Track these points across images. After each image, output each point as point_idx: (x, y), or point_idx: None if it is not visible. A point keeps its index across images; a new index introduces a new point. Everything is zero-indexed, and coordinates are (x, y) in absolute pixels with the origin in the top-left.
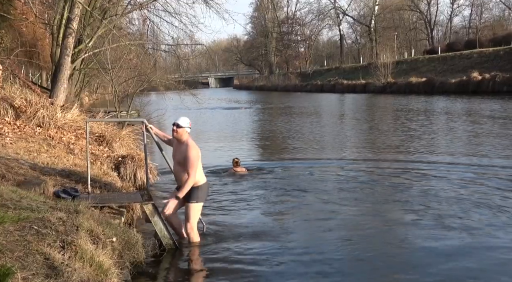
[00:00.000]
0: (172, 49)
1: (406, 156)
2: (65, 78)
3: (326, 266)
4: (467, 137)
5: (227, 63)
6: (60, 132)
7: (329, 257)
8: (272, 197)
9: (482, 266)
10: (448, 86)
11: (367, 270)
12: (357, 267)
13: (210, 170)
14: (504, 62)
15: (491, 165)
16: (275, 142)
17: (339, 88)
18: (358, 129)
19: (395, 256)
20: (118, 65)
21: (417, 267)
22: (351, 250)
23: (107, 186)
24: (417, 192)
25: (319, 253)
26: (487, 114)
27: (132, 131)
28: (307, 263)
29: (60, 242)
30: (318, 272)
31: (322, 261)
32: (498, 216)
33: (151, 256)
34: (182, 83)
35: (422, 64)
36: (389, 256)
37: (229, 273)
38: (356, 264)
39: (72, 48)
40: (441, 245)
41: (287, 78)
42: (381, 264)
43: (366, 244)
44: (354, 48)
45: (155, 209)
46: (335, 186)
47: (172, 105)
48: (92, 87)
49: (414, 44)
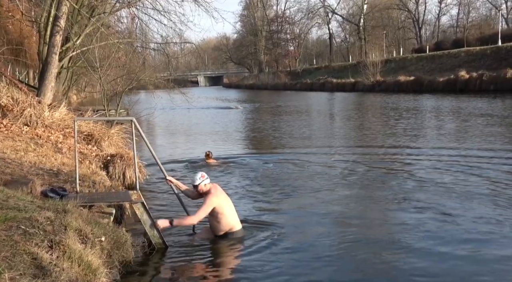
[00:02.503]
0: (161, 47)
1: (393, 149)
2: (52, 77)
3: (312, 255)
4: (453, 134)
5: (216, 61)
6: (48, 131)
7: (314, 245)
8: (248, 188)
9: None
10: (436, 85)
11: (351, 260)
12: (343, 258)
13: (183, 163)
14: (491, 61)
15: (475, 156)
16: (258, 138)
17: (329, 87)
18: (345, 126)
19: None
20: (107, 64)
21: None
22: (332, 237)
23: (96, 185)
24: (401, 180)
25: (304, 242)
26: (473, 113)
27: (121, 130)
28: (292, 252)
29: (48, 242)
30: (306, 262)
31: (308, 250)
32: (485, 203)
33: (141, 255)
34: (172, 81)
35: (411, 63)
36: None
37: (219, 270)
38: (341, 254)
39: (59, 46)
40: (419, 224)
41: (277, 77)
42: (367, 247)
43: (346, 228)
44: (343, 46)
45: (144, 208)
46: (310, 175)
47: (162, 104)
48: (80, 85)
49: (402, 43)
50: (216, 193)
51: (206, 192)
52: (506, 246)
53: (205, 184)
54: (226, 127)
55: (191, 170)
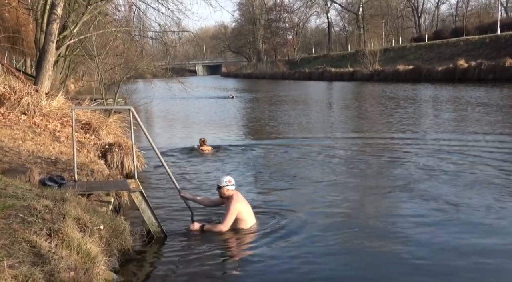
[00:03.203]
0: (159, 36)
1: (391, 137)
2: (50, 65)
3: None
4: (449, 122)
5: (214, 50)
6: (46, 120)
7: (315, 235)
8: (243, 175)
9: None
10: (435, 74)
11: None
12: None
13: (178, 150)
14: (490, 50)
15: (472, 144)
16: (255, 127)
17: (327, 76)
18: (343, 115)
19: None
20: (104, 52)
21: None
22: (332, 226)
23: (94, 174)
24: (401, 169)
25: (304, 230)
26: (470, 102)
27: (119, 119)
28: (291, 241)
29: (47, 230)
30: (304, 251)
31: (308, 239)
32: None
33: (139, 243)
34: (169, 70)
35: (409, 52)
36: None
37: (217, 259)
38: (339, 242)
39: (56, 34)
40: (412, 211)
41: (275, 66)
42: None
43: (344, 217)
44: (342, 35)
45: (142, 197)
46: (308, 163)
47: (160, 93)
48: (77, 74)
49: (401, 32)
50: (239, 199)
51: (228, 196)
52: (506, 235)
53: (228, 188)
54: (223, 116)
55: (185, 156)
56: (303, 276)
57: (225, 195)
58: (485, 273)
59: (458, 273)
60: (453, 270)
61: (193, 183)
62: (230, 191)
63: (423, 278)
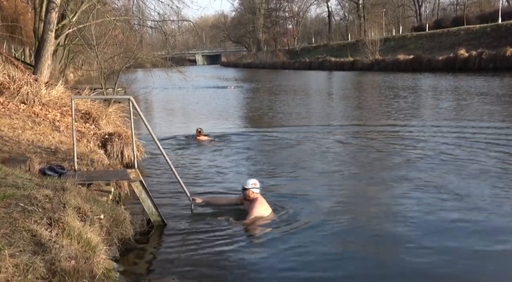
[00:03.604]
0: (158, 25)
1: (391, 126)
2: (49, 54)
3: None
4: (449, 112)
5: (214, 40)
6: (45, 109)
7: (314, 227)
8: (240, 165)
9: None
10: (435, 63)
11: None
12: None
13: (175, 140)
14: (491, 39)
15: (472, 132)
16: (253, 117)
17: (327, 66)
18: (343, 105)
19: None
20: (103, 41)
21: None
22: (330, 215)
23: (94, 164)
24: (400, 158)
25: (302, 220)
26: (469, 91)
27: (119, 108)
28: (289, 232)
29: (47, 219)
30: (303, 242)
31: (307, 230)
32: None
33: (140, 233)
34: (169, 60)
35: (410, 41)
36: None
37: (217, 247)
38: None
39: (55, 23)
40: (418, 202)
41: (275, 55)
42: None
43: (344, 206)
44: (342, 25)
45: (142, 186)
46: (307, 153)
47: (159, 83)
48: (77, 63)
49: (402, 21)
50: (263, 202)
51: (253, 199)
52: (506, 224)
53: (253, 191)
54: (222, 106)
55: (182, 146)
56: (302, 264)
57: (249, 197)
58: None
59: (460, 264)
60: (456, 262)
61: (191, 173)
62: (255, 194)
63: (429, 270)
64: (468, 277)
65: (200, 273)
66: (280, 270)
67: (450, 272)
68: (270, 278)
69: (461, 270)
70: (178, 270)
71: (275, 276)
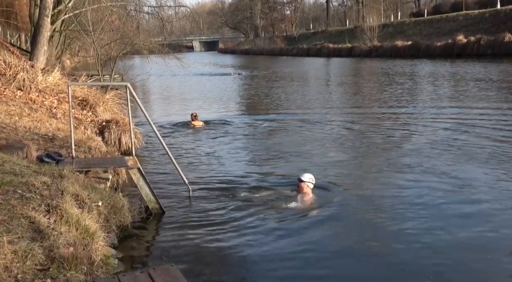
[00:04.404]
0: (155, 11)
1: (386, 111)
2: (45, 40)
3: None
4: (444, 98)
5: (211, 26)
6: (42, 96)
7: (310, 215)
8: (234, 150)
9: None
10: (434, 49)
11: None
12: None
13: (171, 125)
14: (489, 25)
15: (468, 118)
16: (250, 103)
17: (325, 52)
18: (340, 92)
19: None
20: (100, 27)
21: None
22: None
23: (92, 151)
24: (397, 144)
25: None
26: (465, 77)
27: (116, 95)
28: (284, 219)
29: (45, 206)
30: (299, 227)
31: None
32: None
33: (138, 220)
34: (166, 46)
35: (408, 27)
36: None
37: (215, 234)
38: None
39: (51, 8)
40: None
41: (273, 42)
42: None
43: (341, 193)
44: (340, 11)
45: (140, 174)
46: (303, 138)
47: (157, 70)
48: (73, 50)
49: (400, 6)
50: (314, 196)
51: (306, 192)
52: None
53: (308, 185)
54: (219, 93)
55: (178, 132)
56: (302, 253)
57: (303, 190)
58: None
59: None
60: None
61: (188, 159)
62: (309, 189)
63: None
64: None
65: (198, 260)
66: (278, 259)
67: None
68: (267, 265)
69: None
70: (177, 257)
71: (272, 263)
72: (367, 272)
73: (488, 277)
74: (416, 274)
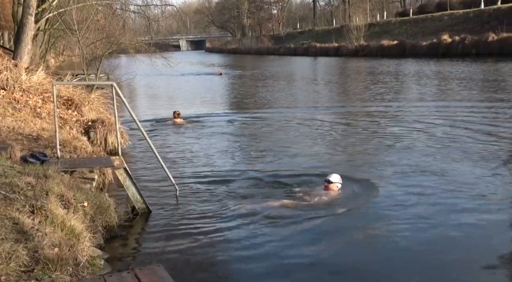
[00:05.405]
0: (141, 10)
1: (373, 110)
2: (28, 39)
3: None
4: (429, 96)
5: (198, 25)
6: (26, 96)
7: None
8: (216, 147)
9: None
10: (419, 49)
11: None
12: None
13: (155, 124)
14: (474, 25)
15: (450, 115)
16: (235, 101)
17: (312, 52)
18: (326, 90)
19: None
20: (85, 26)
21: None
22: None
23: (77, 151)
24: (381, 140)
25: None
26: (449, 77)
27: (102, 95)
28: (272, 213)
29: (30, 207)
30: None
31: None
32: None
33: (124, 220)
34: (153, 45)
35: (394, 27)
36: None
37: (202, 234)
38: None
39: (35, 7)
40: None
41: (260, 41)
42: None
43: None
44: (327, 10)
45: (127, 174)
46: (286, 135)
47: (143, 69)
48: (58, 49)
49: (386, 6)
50: (339, 196)
51: (332, 190)
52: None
53: (338, 186)
54: (205, 92)
55: (163, 130)
56: (287, 250)
57: (332, 190)
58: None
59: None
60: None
61: (174, 158)
62: (336, 189)
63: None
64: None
65: (185, 260)
66: (266, 259)
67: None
68: (255, 266)
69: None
70: (163, 257)
71: (260, 264)
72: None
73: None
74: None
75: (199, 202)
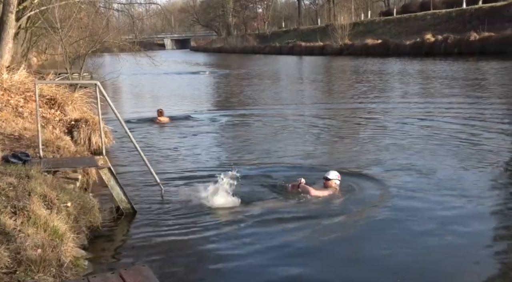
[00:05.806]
0: (125, 8)
1: (356, 107)
2: (9, 37)
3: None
4: (411, 94)
5: (183, 24)
6: (7, 95)
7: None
8: (200, 145)
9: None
10: (403, 48)
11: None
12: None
13: (137, 120)
14: (456, 24)
15: (432, 113)
16: (219, 100)
17: (297, 51)
18: (311, 89)
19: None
20: (68, 25)
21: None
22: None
23: (60, 151)
24: (366, 137)
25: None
26: (431, 75)
27: (85, 94)
28: (259, 211)
29: (11, 208)
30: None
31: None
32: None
33: (109, 220)
34: (137, 44)
35: (378, 26)
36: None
37: (187, 234)
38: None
39: (16, 4)
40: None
41: (245, 40)
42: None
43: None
44: (312, 9)
45: (111, 173)
46: (271, 132)
47: (127, 68)
48: (40, 47)
49: (370, 5)
50: (337, 193)
51: (331, 187)
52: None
53: (336, 182)
54: (190, 91)
55: (147, 129)
56: (276, 250)
57: (331, 187)
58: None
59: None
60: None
61: (159, 157)
62: (335, 186)
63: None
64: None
65: (170, 260)
66: (252, 258)
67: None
68: (241, 265)
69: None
70: (148, 257)
71: (246, 263)
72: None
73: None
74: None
75: (184, 201)
